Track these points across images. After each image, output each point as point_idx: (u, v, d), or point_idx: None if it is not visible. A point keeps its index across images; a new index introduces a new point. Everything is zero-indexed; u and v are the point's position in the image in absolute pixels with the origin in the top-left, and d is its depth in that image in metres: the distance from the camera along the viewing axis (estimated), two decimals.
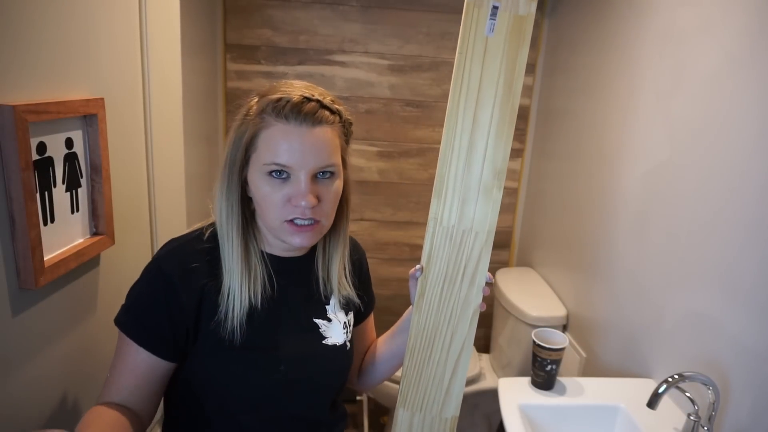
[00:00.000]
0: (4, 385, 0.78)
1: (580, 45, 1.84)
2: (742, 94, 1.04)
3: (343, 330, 0.90)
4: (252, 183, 0.79)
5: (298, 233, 0.78)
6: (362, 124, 2.25)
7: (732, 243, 1.05)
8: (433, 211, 0.83)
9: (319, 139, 0.76)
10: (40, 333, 0.85)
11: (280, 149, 0.75)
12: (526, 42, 0.80)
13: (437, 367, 0.86)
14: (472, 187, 0.82)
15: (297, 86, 0.79)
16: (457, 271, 0.84)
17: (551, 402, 1.21)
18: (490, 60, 0.80)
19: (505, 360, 2.01)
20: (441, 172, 0.82)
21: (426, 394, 0.87)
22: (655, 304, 1.30)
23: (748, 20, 1.03)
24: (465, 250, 0.84)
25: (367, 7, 2.13)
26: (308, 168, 0.76)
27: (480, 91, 0.80)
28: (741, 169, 1.03)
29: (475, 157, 0.82)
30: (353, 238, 0.99)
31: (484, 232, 0.83)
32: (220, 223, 0.81)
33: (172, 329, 0.78)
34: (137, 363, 0.78)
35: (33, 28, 0.79)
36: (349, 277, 0.93)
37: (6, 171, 0.75)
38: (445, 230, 0.83)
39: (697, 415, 1.02)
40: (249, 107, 0.79)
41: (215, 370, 0.80)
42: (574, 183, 1.82)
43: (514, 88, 0.81)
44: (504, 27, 0.79)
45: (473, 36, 0.79)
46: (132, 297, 0.81)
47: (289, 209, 0.77)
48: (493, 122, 0.81)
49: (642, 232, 1.37)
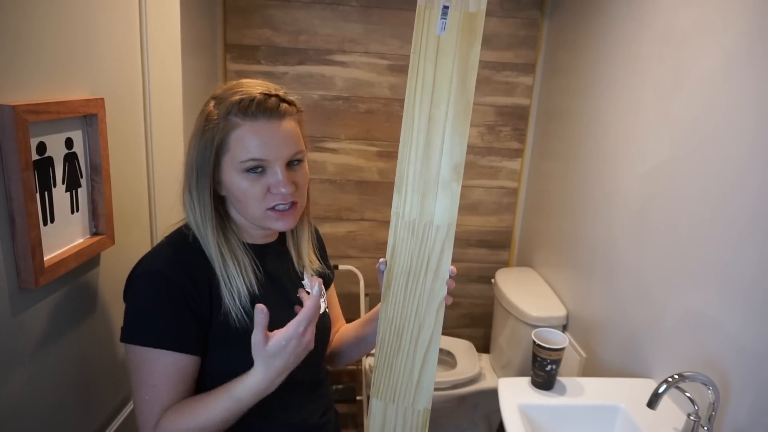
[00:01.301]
0: (4, 385, 0.78)
1: (580, 45, 1.84)
2: (741, 94, 1.04)
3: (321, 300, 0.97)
4: (227, 182, 0.83)
5: (282, 218, 0.84)
6: (362, 124, 2.25)
7: (731, 242, 1.05)
8: (395, 206, 0.86)
9: (287, 130, 0.82)
10: (40, 333, 0.85)
11: (254, 146, 0.80)
12: (477, 38, 0.82)
13: (406, 359, 0.89)
14: (430, 181, 0.85)
15: (252, 84, 0.83)
16: (420, 264, 0.87)
17: (551, 402, 1.21)
18: (443, 58, 0.83)
19: (505, 360, 2.01)
20: (400, 167, 0.85)
21: (397, 386, 0.90)
22: (655, 303, 1.30)
23: (747, 21, 1.03)
24: (427, 244, 0.86)
25: (367, 7, 2.13)
26: (282, 158, 0.82)
27: (434, 88, 0.83)
28: (740, 169, 1.03)
29: (433, 152, 0.84)
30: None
31: (445, 225, 0.86)
32: (196, 225, 0.85)
33: (195, 322, 0.81)
34: (168, 368, 0.80)
35: (33, 29, 0.79)
36: (317, 253, 1.02)
37: (6, 171, 0.75)
38: (407, 224, 0.86)
39: (697, 415, 1.02)
40: (208, 112, 0.82)
41: (229, 357, 0.83)
42: (574, 183, 1.82)
43: (468, 84, 0.83)
44: (455, 25, 0.82)
45: (425, 36, 0.82)
46: (139, 310, 0.81)
47: (270, 198, 0.83)
48: (449, 118, 0.84)
49: (642, 231, 1.37)
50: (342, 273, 2.31)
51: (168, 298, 0.80)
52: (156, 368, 0.79)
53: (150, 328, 0.80)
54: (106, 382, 1.05)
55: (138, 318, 0.81)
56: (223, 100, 0.81)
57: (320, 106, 2.22)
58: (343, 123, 2.25)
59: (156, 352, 0.79)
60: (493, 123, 2.29)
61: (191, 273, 0.82)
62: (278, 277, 0.92)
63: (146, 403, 0.80)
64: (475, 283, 2.46)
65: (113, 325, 1.06)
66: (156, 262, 0.83)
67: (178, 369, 0.80)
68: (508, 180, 2.36)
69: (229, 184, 0.83)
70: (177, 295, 0.80)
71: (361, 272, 2.23)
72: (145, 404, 0.80)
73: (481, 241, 2.43)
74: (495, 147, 2.31)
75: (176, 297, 0.80)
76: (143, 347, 0.79)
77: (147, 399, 0.79)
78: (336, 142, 2.26)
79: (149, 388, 0.79)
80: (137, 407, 0.81)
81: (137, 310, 0.81)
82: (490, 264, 2.45)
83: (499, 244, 2.44)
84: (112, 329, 1.06)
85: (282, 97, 0.83)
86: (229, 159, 0.81)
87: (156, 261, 0.83)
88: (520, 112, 2.28)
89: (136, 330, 0.80)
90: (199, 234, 0.85)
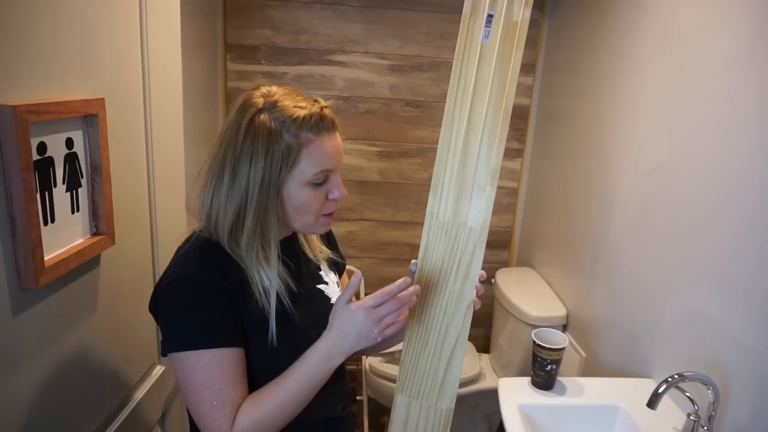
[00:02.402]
0: (4, 385, 0.78)
1: (580, 45, 1.84)
2: (742, 94, 1.04)
3: (338, 288, 1.02)
4: (288, 195, 0.84)
5: (330, 221, 0.90)
6: (362, 124, 2.25)
7: (731, 242, 1.05)
8: (430, 206, 0.88)
9: (340, 141, 0.87)
10: (40, 333, 0.85)
11: (326, 159, 0.83)
12: (520, 46, 0.84)
13: (432, 357, 0.89)
14: (466, 184, 0.86)
15: (300, 97, 0.85)
16: (452, 265, 0.88)
17: (551, 402, 1.21)
18: (485, 64, 0.85)
19: (505, 360, 2.01)
20: (438, 168, 0.87)
21: (422, 383, 0.90)
22: (655, 303, 1.30)
23: (747, 20, 1.03)
24: (460, 245, 0.87)
25: (367, 7, 2.13)
26: (340, 167, 0.88)
27: (474, 93, 0.85)
28: (741, 169, 1.03)
29: (470, 155, 0.86)
30: None
31: (478, 227, 0.87)
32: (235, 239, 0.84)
33: (237, 315, 0.82)
34: (230, 366, 0.79)
35: (33, 28, 0.79)
36: (324, 243, 1.04)
37: (6, 171, 0.75)
38: (441, 225, 0.87)
39: (697, 415, 1.02)
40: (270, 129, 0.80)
41: (263, 350, 0.84)
42: (574, 183, 1.82)
43: (507, 91, 0.84)
44: (498, 33, 0.84)
45: (469, 43, 0.84)
46: (183, 316, 0.80)
47: (328, 205, 0.87)
48: (487, 123, 0.85)
49: (642, 231, 1.37)
50: None
51: (209, 296, 0.79)
52: (218, 370, 0.78)
53: (201, 330, 0.79)
54: (106, 382, 1.06)
55: (184, 324, 0.79)
56: (283, 115, 0.81)
57: None
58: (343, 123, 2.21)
59: (214, 353, 0.78)
60: None
61: (223, 272, 0.81)
62: (298, 270, 0.94)
63: (216, 409, 0.78)
64: None
65: (113, 325, 1.06)
66: (185, 268, 0.82)
67: (238, 364, 0.80)
68: (508, 180, 2.36)
69: (289, 196, 0.83)
70: (216, 293, 0.80)
71: (361, 272, 2.23)
72: (214, 411, 0.78)
73: None
74: None
75: (216, 294, 0.80)
76: (198, 351, 0.78)
77: (216, 404, 0.78)
78: None
79: (216, 392, 0.78)
80: (204, 417, 0.78)
81: (180, 317, 0.80)
82: (490, 264, 2.45)
83: (499, 244, 2.44)
84: (113, 329, 1.06)
85: (329, 107, 0.87)
86: (297, 173, 0.82)
87: (185, 267, 0.82)
88: (520, 112, 2.28)
89: (185, 337, 0.79)
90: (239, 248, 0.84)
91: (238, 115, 0.83)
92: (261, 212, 0.82)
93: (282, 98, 0.83)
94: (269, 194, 0.82)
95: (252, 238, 0.83)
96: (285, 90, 0.86)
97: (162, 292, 0.82)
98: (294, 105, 0.82)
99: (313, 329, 0.86)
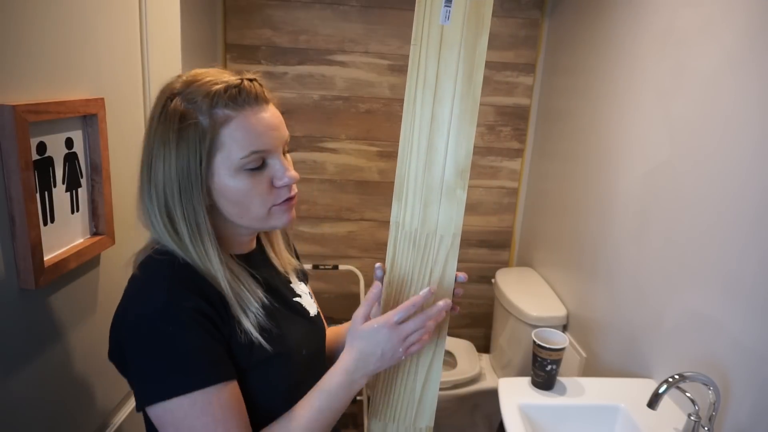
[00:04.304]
0: (4, 385, 0.78)
1: (580, 45, 1.84)
2: (742, 94, 1.04)
3: (311, 299, 0.92)
4: (220, 187, 0.71)
5: (287, 210, 0.76)
6: (362, 124, 2.25)
7: (732, 242, 1.05)
8: (395, 215, 0.79)
9: (276, 115, 0.74)
10: (40, 333, 0.85)
11: (253, 137, 0.70)
12: (485, 29, 0.74)
13: (408, 376, 0.83)
14: (434, 188, 0.78)
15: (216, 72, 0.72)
16: (422, 277, 0.80)
17: (551, 402, 1.21)
18: (447, 50, 0.74)
19: (505, 360, 2.01)
20: (400, 172, 0.78)
21: (398, 405, 0.84)
22: (655, 303, 1.30)
23: (748, 20, 1.03)
24: (430, 255, 0.79)
25: (367, 7, 2.13)
26: (280, 145, 0.74)
27: (437, 84, 0.75)
28: (741, 169, 1.03)
29: (436, 156, 0.77)
30: None
31: (449, 235, 0.79)
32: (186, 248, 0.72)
33: (224, 339, 0.71)
34: (231, 401, 0.68)
35: (33, 29, 0.79)
36: (290, 251, 0.93)
37: (6, 171, 0.75)
38: (408, 235, 0.79)
39: (697, 416, 1.02)
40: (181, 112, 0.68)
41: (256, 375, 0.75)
42: (574, 183, 1.82)
43: (474, 79, 0.75)
44: (460, 13, 0.73)
45: (427, 25, 0.74)
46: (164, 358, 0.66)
47: (276, 193, 0.74)
48: (454, 117, 0.76)
49: (642, 231, 1.37)
50: (342, 273, 2.31)
51: (191, 327, 0.67)
52: (218, 410, 0.66)
53: (188, 368, 0.66)
54: (107, 382, 1.05)
55: (165, 366, 0.66)
56: (196, 95, 0.69)
57: (320, 106, 2.22)
58: (343, 123, 2.25)
59: (208, 393, 0.66)
60: (493, 123, 2.29)
61: (201, 293, 0.70)
62: (275, 285, 0.84)
63: None
64: (475, 283, 2.46)
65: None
66: (153, 299, 0.68)
67: (238, 397, 0.69)
68: (508, 180, 2.36)
69: (223, 188, 0.71)
70: (199, 320, 0.68)
71: (361, 272, 2.23)
72: None
73: (482, 241, 2.43)
74: (495, 147, 2.31)
75: (200, 322, 0.68)
76: (191, 395, 0.65)
77: None
78: (336, 142, 2.26)
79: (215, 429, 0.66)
80: None
81: (159, 359, 0.66)
82: (491, 264, 2.45)
83: (499, 244, 2.44)
84: None
85: (259, 80, 0.73)
86: (223, 159, 0.70)
87: (153, 298, 0.68)
88: (520, 112, 2.28)
89: (169, 381, 0.66)
90: (194, 257, 0.71)
91: (153, 105, 0.72)
92: (190, 214, 0.70)
93: (201, 77, 0.70)
94: (193, 191, 0.69)
95: (211, 248, 0.71)
96: (214, 70, 0.73)
97: (128, 333, 0.68)
98: (209, 82, 0.69)
99: (303, 347, 0.81)
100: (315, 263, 2.28)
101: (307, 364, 0.82)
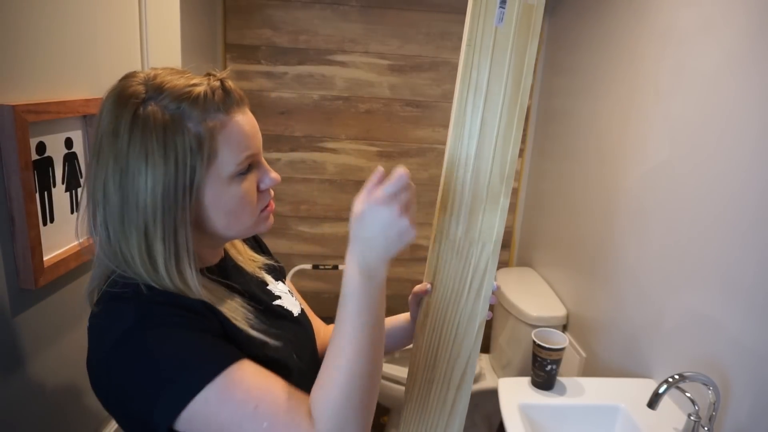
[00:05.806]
0: (4, 385, 0.78)
1: (580, 45, 1.84)
2: (742, 94, 1.04)
3: (293, 297, 0.87)
4: (214, 198, 0.65)
5: (270, 214, 0.73)
6: (362, 124, 2.25)
7: (732, 243, 1.04)
8: (440, 225, 0.76)
9: (252, 117, 0.70)
10: (40, 333, 0.85)
11: (245, 141, 0.66)
12: (535, 34, 0.72)
13: (441, 385, 0.81)
14: (479, 195, 0.76)
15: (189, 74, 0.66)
16: (462, 286, 0.78)
17: (551, 402, 1.21)
18: (499, 54, 0.72)
19: (505, 360, 2.01)
20: (448, 181, 0.75)
21: (429, 416, 0.81)
22: (655, 303, 1.30)
23: (748, 20, 1.03)
24: (471, 263, 0.78)
25: (367, 7, 2.13)
26: (261, 148, 0.70)
27: (488, 89, 0.73)
28: (742, 169, 1.03)
29: (483, 163, 0.75)
30: None
31: (491, 242, 0.77)
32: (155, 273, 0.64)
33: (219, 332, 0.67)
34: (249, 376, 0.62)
35: (33, 29, 0.79)
36: (256, 251, 0.89)
37: (6, 171, 0.75)
38: (452, 243, 0.77)
39: (697, 416, 1.02)
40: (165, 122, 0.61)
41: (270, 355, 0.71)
42: (574, 183, 1.82)
43: (522, 85, 0.74)
44: (513, 17, 0.70)
45: (482, 26, 0.70)
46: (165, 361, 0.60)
47: (263, 196, 0.71)
48: (501, 124, 0.74)
49: (642, 231, 1.37)
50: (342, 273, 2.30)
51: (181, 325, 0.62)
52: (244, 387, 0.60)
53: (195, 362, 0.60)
54: None
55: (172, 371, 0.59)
56: (177, 100, 0.62)
57: (320, 106, 2.22)
58: (343, 123, 2.25)
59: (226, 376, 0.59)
60: None
61: (181, 303, 0.64)
62: (252, 291, 0.78)
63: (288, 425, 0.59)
64: None
65: None
66: (123, 320, 0.61)
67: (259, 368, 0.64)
68: None
69: (215, 199, 0.65)
70: (186, 315, 0.63)
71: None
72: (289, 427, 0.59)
73: None
74: None
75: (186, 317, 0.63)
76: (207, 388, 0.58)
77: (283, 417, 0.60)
78: (336, 142, 2.26)
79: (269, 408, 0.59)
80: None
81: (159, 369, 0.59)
82: None
83: None
84: None
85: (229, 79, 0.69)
86: (218, 168, 0.64)
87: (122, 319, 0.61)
88: None
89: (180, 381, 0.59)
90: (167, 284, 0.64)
91: (114, 115, 0.62)
92: (170, 234, 0.63)
93: (168, 79, 0.63)
94: (178, 208, 0.62)
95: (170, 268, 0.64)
96: (168, 69, 0.66)
97: (110, 360, 0.60)
98: (186, 84, 0.63)
99: (293, 352, 0.77)
100: (315, 263, 2.28)
101: (299, 367, 0.80)
